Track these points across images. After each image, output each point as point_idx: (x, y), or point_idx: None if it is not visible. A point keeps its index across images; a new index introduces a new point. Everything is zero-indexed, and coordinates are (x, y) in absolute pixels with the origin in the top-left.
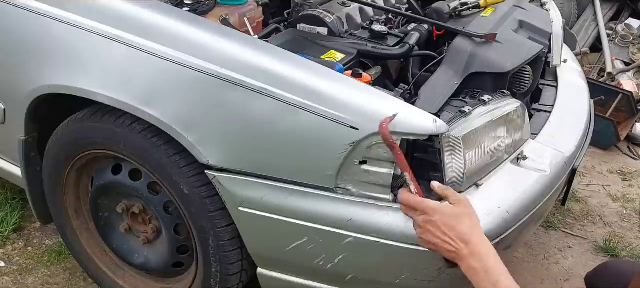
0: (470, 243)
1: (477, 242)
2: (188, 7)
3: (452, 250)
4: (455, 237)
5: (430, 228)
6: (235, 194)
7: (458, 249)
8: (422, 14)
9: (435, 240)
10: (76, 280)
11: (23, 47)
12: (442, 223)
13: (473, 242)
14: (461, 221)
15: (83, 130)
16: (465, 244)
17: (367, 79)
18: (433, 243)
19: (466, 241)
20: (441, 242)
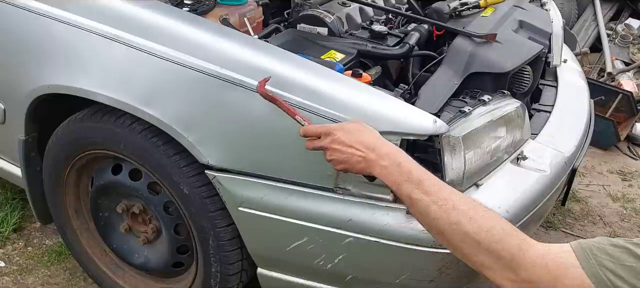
0: (376, 147)
1: (382, 145)
2: (188, 7)
3: (360, 159)
4: (361, 146)
5: (337, 146)
6: (235, 194)
7: (365, 155)
8: (422, 14)
9: (343, 155)
10: (76, 280)
11: (23, 47)
12: (345, 137)
13: (378, 145)
14: (363, 133)
15: (83, 130)
16: (371, 150)
17: (367, 79)
18: (342, 160)
19: (371, 147)
20: (349, 155)
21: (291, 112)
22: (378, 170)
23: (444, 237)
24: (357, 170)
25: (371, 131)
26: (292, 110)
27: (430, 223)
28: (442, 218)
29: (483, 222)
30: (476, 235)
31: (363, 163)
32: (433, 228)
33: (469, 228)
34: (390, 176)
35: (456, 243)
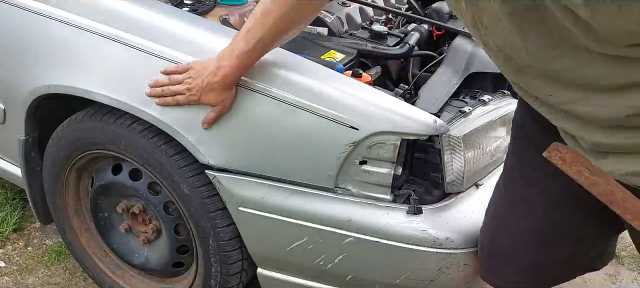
0: (219, 63)
1: (220, 57)
2: (188, 7)
3: (217, 81)
4: (213, 72)
5: (198, 82)
6: (235, 194)
7: (218, 72)
8: (422, 14)
9: (202, 85)
10: (76, 280)
11: (23, 47)
12: (199, 72)
13: (220, 61)
14: (203, 61)
15: (83, 130)
16: (217, 69)
17: (367, 79)
18: (198, 86)
19: (218, 67)
20: (207, 86)
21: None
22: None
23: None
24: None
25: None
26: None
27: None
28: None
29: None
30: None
31: (222, 72)
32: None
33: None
34: (232, 66)
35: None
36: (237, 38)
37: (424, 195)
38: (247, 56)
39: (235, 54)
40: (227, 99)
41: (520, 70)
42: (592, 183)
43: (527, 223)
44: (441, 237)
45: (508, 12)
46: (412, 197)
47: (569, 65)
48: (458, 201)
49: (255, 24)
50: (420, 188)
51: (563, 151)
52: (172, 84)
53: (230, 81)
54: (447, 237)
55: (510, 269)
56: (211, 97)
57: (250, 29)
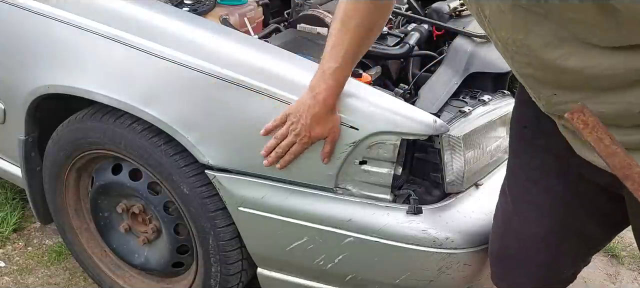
0: (315, 91)
1: (313, 85)
2: (188, 7)
3: (319, 110)
4: (312, 104)
5: (301, 121)
6: (235, 194)
7: (316, 100)
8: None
9: (306, 122)
10: (76, 280)
11: (23, 47)
12: (298, 111)
13: (315, 89)
14: (297, 102)
15: (83, 130)
16: (315, 98)
17: (367, 79)
18: (312, 128)
19: (315, 95)
20: (312, 120)
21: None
22: (329, 87)
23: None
24: (320, 124)
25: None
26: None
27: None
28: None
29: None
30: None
31: (322, 110)
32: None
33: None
34: (328, 88)
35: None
36: (324, 59)
37: (424, 195)
38: (339, 73)
39: (328, 74)
40: (335, 124)
41: (523, 69)
42: (611, 153)
43: (535, 225)
44: (441, 237)
45: (511, 4)
46: (412, 197)
47: (575, 63)
48: (458, 201)
49: (337, 38)
50: (420, 188)
51: (587, 114)
52: (281, 141)
53: (331, 104)
54: (447, 237)
55: (520, 272)
56: (319, 130)
57: (334, 45)
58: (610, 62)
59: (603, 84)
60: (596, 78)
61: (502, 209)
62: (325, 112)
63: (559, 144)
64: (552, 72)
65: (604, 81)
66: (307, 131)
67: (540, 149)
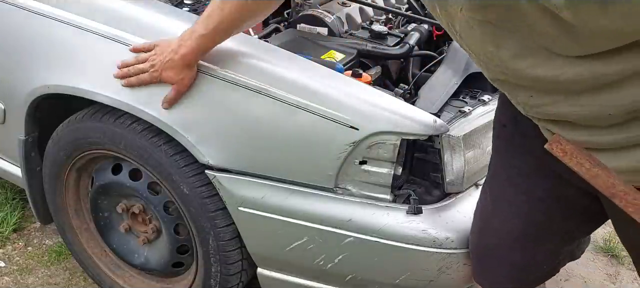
0: (180, 43)
1: (182, 36)
2: (188, 7)
3: (176, 60)
4: (174, 49)
5: (160, 58)
6: (235, 194)
7: (178, 51)
8: (422, 14)
9: (163, 61)
10: (76, 280)
11: (23, 47)
12: (163, 49)
13: (180, 41)
14: (168, 40)
15: (83, 130)
16: (178, 48)
17: (367, 79)
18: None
19: (178, 45)
20: (168, 63)
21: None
22: (200, 44)
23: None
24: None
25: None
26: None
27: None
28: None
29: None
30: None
31: (187, 48)
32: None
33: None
34: (190, 47)
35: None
36: (198, 21)
37: (424, 195)
38: (205, 40)
39: (195, 35)
40: (186, 77)
41: (497, 76)
42: (593, 175)
43: (513, 224)
44: (441, 237)
45: (479, 20)
46: (412, 197)
47: (544, 73)
48: (458, 201)
49: (214, 9)
50: (420, 188)
51: (564, 143)
52: (139, 63)
53: (189, 61)
54: (447, 237)
55: (498, 270)
56: (171, 74)
57: (210, 14)
58: (576, 70)
59: (573, 88)
60: (565, 83)
61: (482, 206)
62: (181, 65)
63: (538, 144)
64: (524, 79)
65: (573, 86)
66: (160, 69)
67: (520, 149)
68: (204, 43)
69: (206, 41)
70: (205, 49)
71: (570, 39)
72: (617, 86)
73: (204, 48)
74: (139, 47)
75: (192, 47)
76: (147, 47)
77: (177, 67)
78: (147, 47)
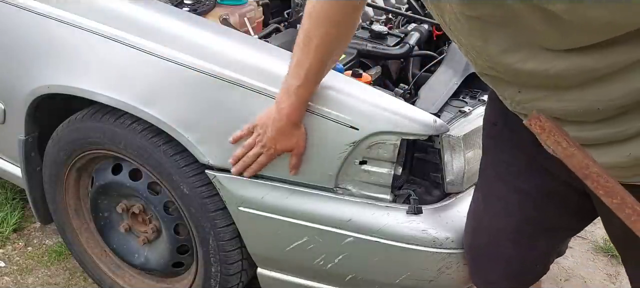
0: (280, 106)
1: (278, 100)
2: (188, 7)
3: (283, 124)
4: (277, 118)
5: (267, 133)
6: (236, 194)
7: (280, 115)
8: (422, 14)
9: (272, 135)
10: (76, 280)
11: (23, 47)
12: (265, 123)
13: (280, 104)
14: (264, 113)
15: (83, 130)
16: (279, 112)
17: (367, 79)
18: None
19: (279, 110)
20: (276, 133)
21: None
22: (298, 100)
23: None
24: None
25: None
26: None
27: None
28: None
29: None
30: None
31: (288, 124)
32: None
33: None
34: (292, 105)
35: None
36: (288, 76)
37: (424, 195)
38: (303, 90)
39: (291, 91)
40: (299, 139)
41: (485, 71)
42: (569, 155)
43: (504, 221)
44: (441, 237)
45: (468, 15)
46: (412, 197)
47: (532, 67)
48: (458, 201)
49: (300, 56)
50: (420, 188)
51: (543, 120)
52: (248, 151)
53: (295, 119)
54: (447, 237)
55: (492, 269)
56: (285, 143)
57: (297, 62)
58: (565, 64)
59: (562, 83)
60: (555, 78)
61: (474, 206)
62: (290, 126)
63: (526, 140)
64: (513, 74)
65: (562, 81)
66: (272, 143)
67: (509, 146)
68: (303, 94)
69: (304, 91)
70: (305, 100)
71: (560, 32)
72: (606, 80)
73: (304, 99)
74: (237, 136)
75: (293, 105)
76: (247, 130)
77: (287, 132)
78: (247, 131)
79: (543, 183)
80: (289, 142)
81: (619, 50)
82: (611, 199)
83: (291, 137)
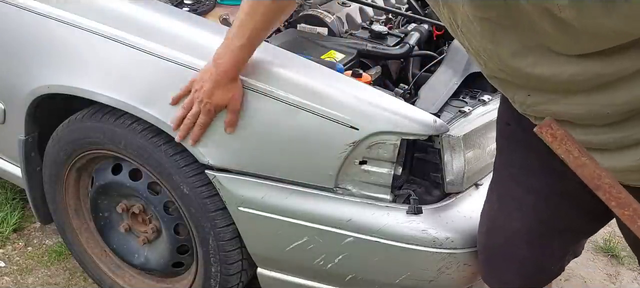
0: (217, 62)
1: (217, 54)
2: (188, 7)
3: (220, 78)
4: (214, 71)
5: (204, 87)
6: (235, 194)
7: (217, 70)
8: (422, 14)
9: (208, 88)
10: (76, 280)
11: (23, 47)
12: (201, 78)
13: (218, 60)
14: (202, 70)
15: (83, 130)
16: (217, 67)
17: (367, 79)
18: (204, 87)
19: (217, 65)
20: (213, 86)
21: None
22: (237, 57)
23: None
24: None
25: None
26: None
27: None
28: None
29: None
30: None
31: (225, 74)
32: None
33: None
34: (230, 61)
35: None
36: (230, 33)
37: (424, 195)
38: (243, 49)
39: (232, 48)
40: (235, 93)
41: (495, 74)
42: (580, 164)
43: (519, 222)
44: (441, 237)
45: (480, 17)
46: (412, 197)
47: (542, 71)
48: (458, 201)
49: (245, 17)
50: (420, 188)
51: (555, 128)
52: (188, 111)
53: (232, 75)
54: (447, 237)
55: (506, 269)
56: (220, 96)
57: (241, 22)
58: (576, 69)
59: (572, 87)
60: (565, 83)
61: (488, 206)
62: (226, 80)
63: (539, 141)
64: (523, 78)
65: (572, 85)
66: (208, 97)
67: (523, 146)
68: (243, 53)
69: (245, 51)
70: (244, 59)
71: (570, 38)
72: (614, 85)
73: (243, 58)
74: (176, 96)
75: (232, 60)
76: (185, 90)
77: (222, 86)
78: (185, 90)
79: (557, 184)
80: (225, 95)
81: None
82: (623, 211)
83: (227, 91)
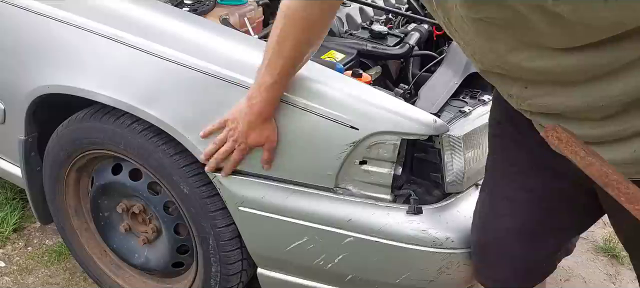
0: (251, 102)
1: (250, 95)
2: (188, 7)
3: (254, 119)
4: (248, 112)
5: (239, 128)
6: (236, 194)
7: (252, 111)
8: (422, 14)
9: (243, 129)
10: (76, 280)
11: (23, 47)
12: (235, 118)
13: (251, 100)
14: (236, 108)
15: (83, 130)
16: (251, 108)
17: (367, 79)
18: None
19: (250, 105)
20: (248, 128)
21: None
22: (268, 97)
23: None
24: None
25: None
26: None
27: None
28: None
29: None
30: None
31: (259, 116)
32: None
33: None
34: (263, 101)
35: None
36: (260, 73)
37: (424, 195)
38: (275, 88)
39: (263, 88)
40: (271, 133)
41: (492, 69)
42: (588, 164)
43: (510, 221)
44: (441, 237)
45: (473, 17)
46: (412, 197)
47: (539, 64)
48: (458, 201)
49: (273, 54)
50: (420, 188)
51: (560, 131)
52: (220, 146)
53: (266, 115)
54: (447, 237)
55: (498, 267)
56: (256, 138)
57: (270, 60)
58: (572, 61)
59: (569, 79)
60: (561, 75)
61: (481, 204)
62: (261, 121)
63: (532, 139)
64: (520, 71)
65: (569, 77)
66: (243, 137)
67: (514, 143)
68: (275, 91)
69: (276, 89)
70: (277, 96)
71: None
72: (609, 77)
73: (276, 96)
74: (208, 131)
75: (264, 100)
76: (218, 126)
77: (257, 127)
78: (218, 127)
79: (549, 182)
80: (260, 136)
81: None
82: (633, 205)
83: (262, 131)
